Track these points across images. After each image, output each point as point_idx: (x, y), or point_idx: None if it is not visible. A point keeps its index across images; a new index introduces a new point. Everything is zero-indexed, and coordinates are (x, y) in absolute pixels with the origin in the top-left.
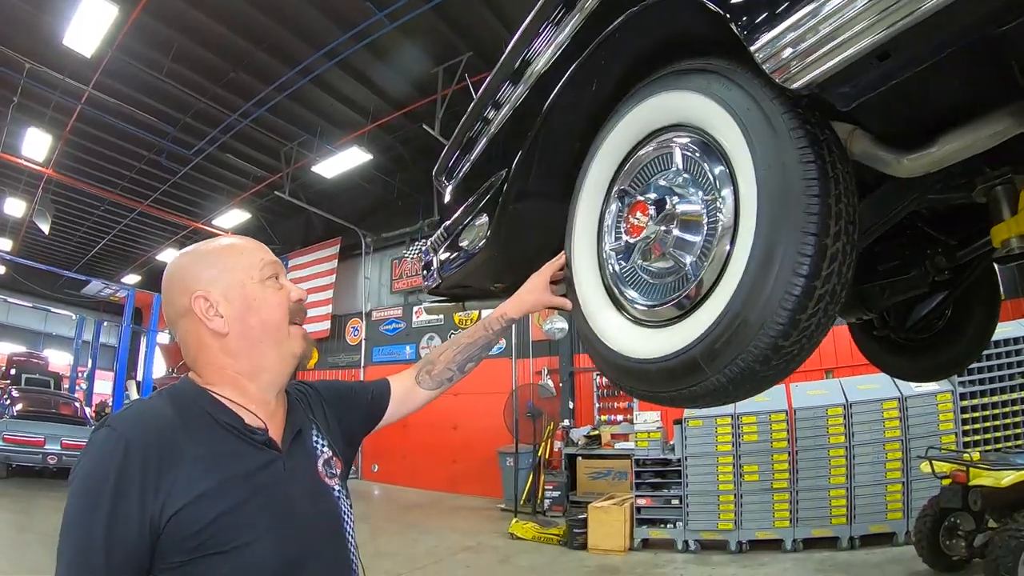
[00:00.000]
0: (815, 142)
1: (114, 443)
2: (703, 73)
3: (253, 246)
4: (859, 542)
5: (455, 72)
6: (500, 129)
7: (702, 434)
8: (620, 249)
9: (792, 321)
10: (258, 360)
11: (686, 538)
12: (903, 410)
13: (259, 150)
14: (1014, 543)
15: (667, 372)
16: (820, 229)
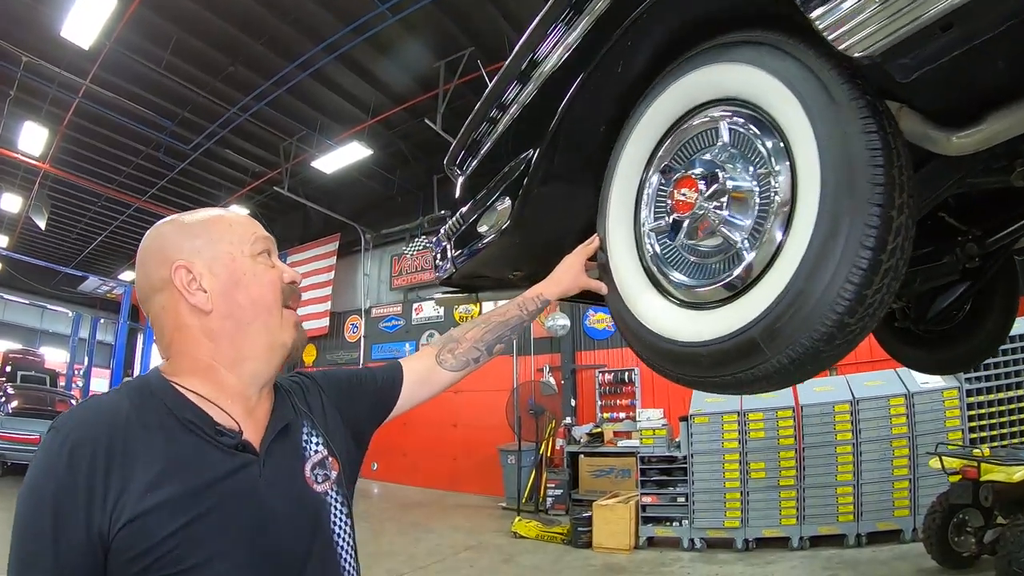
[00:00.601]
0: (876, 112)
1: (58, 446)
2: (751, 45)
3: (244, 219)
4: (866, 539)
5: (457, 67)
6: (525, 108)
7: (708, 431)
8: (662, 228)
9: (859, 297)
10: (243, 345)
11: (692, 536)
12: (910, 407)
13: (258, 145)
14: None
15: (720, 355)
16: (886, 200)
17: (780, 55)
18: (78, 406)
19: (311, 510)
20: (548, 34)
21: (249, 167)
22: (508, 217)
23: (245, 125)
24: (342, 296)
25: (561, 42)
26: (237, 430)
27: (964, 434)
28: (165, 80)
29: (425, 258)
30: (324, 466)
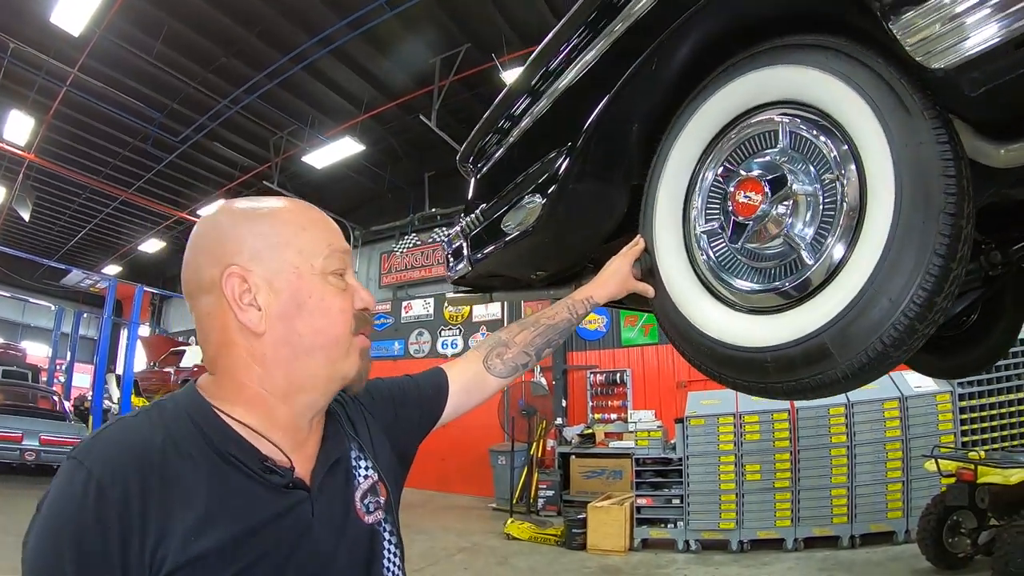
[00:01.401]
0: (946, 123)
1: (82, 485)
2: (819, 49)
3: (321, 221)
4: (859, 541)
5: (453, 63)
6: (559, 104)
7: (704, 433)
8: (715, 230)
9: (930, 303)
10: (298, 377)
11: (687, 538)
12: (903, 410)
13: (248, 139)
14: (1022, 539)
15: (786, 361)
16: (957, 210)
17: (851, 62)
18: (103, 435)
19: (364, 545)
20: (583, 26)
21: (238, 161)
22: (539, 215)
23: (235, 118)
24: None
25: (600, 38)
26: (288, 466)
27: (956, 437)
28: (155, 70)
29: (415, 256)
30: (375, 492)
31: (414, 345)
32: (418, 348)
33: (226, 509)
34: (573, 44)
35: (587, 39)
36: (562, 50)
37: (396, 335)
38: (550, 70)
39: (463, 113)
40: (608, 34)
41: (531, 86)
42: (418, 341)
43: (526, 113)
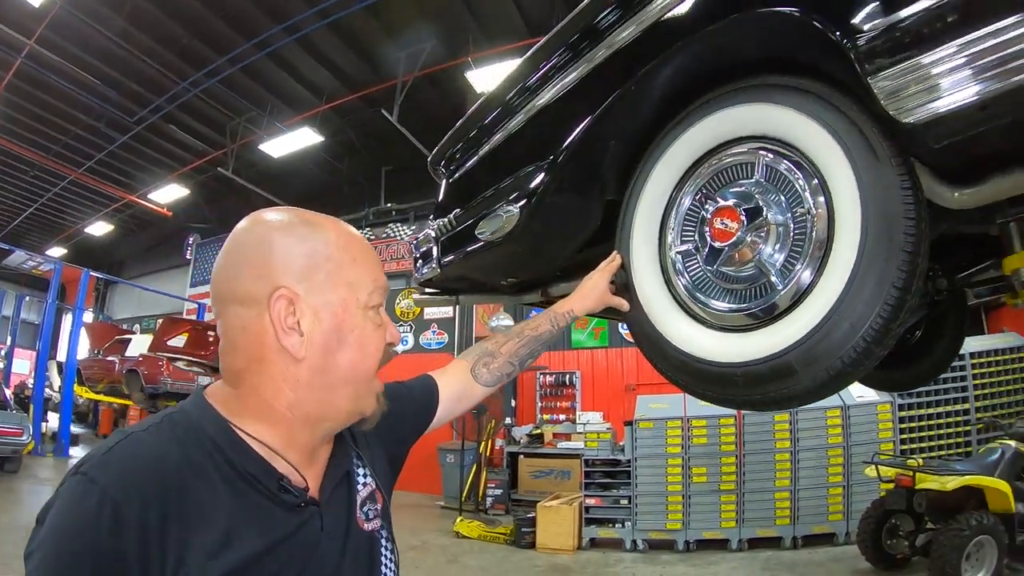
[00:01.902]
0: (910, 170)
1: (95, 504)
2: (799, 92)
3: (370, 254)
4: (801, 542)
5: (418, 59)
6: (541, 118)
7: (652, 436)
8: (691, 252)
9: (886, 329)
10: (326, 406)
11: (635, 537)
12: (845, 418)
13: (205, 123)
14: (958, 541)
15: (754, 376)
16: (915, 248)
17: (828, 107)
18: (116, 450)
19: (366, 553)
20: (565, 47)
21: (193, 145)
22: (515, 224)
23: (193, 101)
24: None
25: (581, 62)
26: (303, 487)
27: (895, 445)
28: (115, 47)
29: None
30: (373, 500)
31: None
32: None
33: (244, 529)
34: (553, 63)
35: (568, 61)
36: (541, 67)
37: None
38: (528, 86)
39: (425, 109)
40: (589, 60)
41: (507, 100)
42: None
43: (503, 125)
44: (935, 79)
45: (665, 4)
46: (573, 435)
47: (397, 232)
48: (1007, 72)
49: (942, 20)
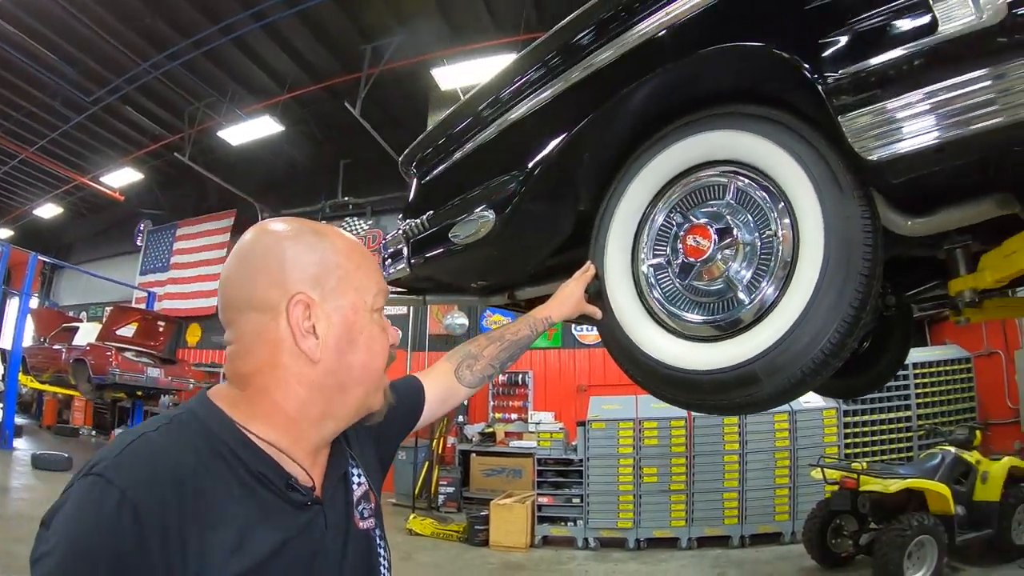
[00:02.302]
0: (870, 201)
1: (114, 506)
2: (773, 123)
3: (371, 260)
4: (749, 541)
5: (384, 53)
6: (518, 129)
7: (605, 436)
8: (662, 266)
9: (843, 343)
10: (336, 406)
11: (586, 536)
12: (792, 423)
13: (163, 106)
14: (900, 541)
15: (720, 383)
16: (871, 271)
17: (799, 140)
18: (128, 451)
19: (363, 551)
20: (541, 64)
21: (150, 129)
22: (490, 230)
23: (153, 84)
24: None
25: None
26: (310, 485)
27: (840, 449)
28: (74, 22)
29: None
30: (367, 499)
31: None
32: None
33: (257, 529)
34: (528, 77)
35: (544, 78)
36: (516, 81)
37: None
38: (505, 97)
39: (388, 104)
40: (564, 79)
41: (484, 108)
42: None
43: (480, 132)
44: (899, 122)
45: (643, 32)
46: (525, 434)
47: (354, 226)
48: (963, 121)
49: (909, 70)
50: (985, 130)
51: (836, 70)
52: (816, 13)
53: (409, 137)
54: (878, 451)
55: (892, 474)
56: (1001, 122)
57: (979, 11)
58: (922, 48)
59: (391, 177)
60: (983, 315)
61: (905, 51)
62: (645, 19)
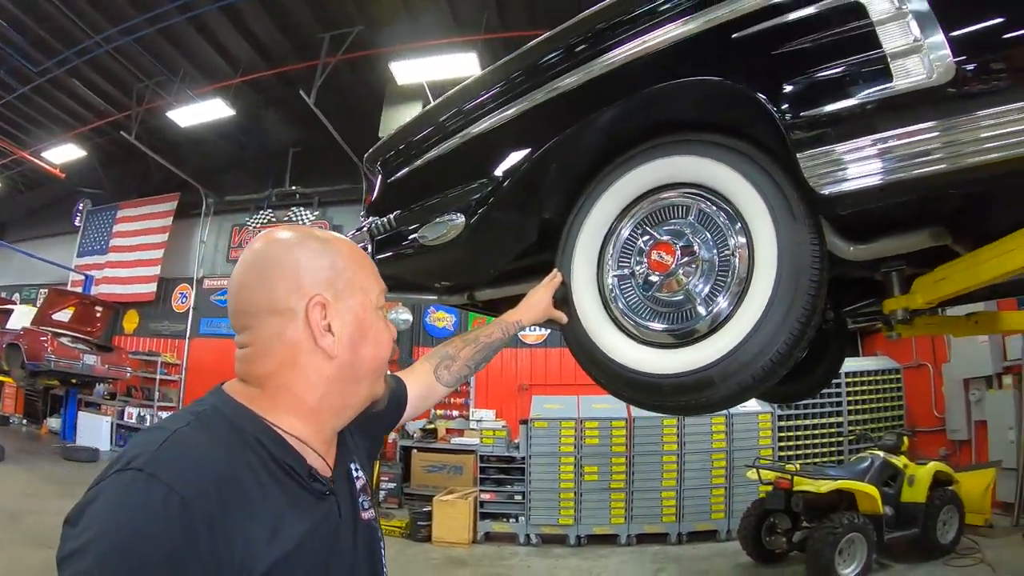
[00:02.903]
0: (818, 229)
1: (162, 500)
2: (735, 152)
3: (371, 263)
4: (686, 538)
5: (342, 42)
6: (497, 136)
7: (547, 435)
8: (626, 276)
9: (789, 354)
10: (351, 397)
11: (528, 532)
12: (729, 425)
13: (112, 82)
14: (831, 538)
15: (679, 386)
16: (816, 291)
17: (759, 170)
18: (166, 446)
19: (368, 541)
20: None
21: (96, 104)
22: (459, 233)
23: (103, 58)
24: (174, 261)
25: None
26: (329, 476)
27: (774, 452)
28: None
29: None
30: (366, 492)
31: None
32: None
33: (288, 518)
34: (495, 92)
35: (514, 94)
36: (481, 95)
37: None
38: (465, 110)
39: (343, 95)
40: (529, 99)
41: (456, 114)
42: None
43: (453, 136)
44: (851, 162)
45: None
46: (467, 431)
47: (300, 216)
48: (908, 166)
49: (863, 116)
50: (927, 175)
51: (798, 112)
52: (782, 58)
53: (362, 129)
54: (810, 454)
55: (824, 476)
56: (942, 169)
57: (930, 71)
58: (877, 98)
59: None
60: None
61: (861, 100)
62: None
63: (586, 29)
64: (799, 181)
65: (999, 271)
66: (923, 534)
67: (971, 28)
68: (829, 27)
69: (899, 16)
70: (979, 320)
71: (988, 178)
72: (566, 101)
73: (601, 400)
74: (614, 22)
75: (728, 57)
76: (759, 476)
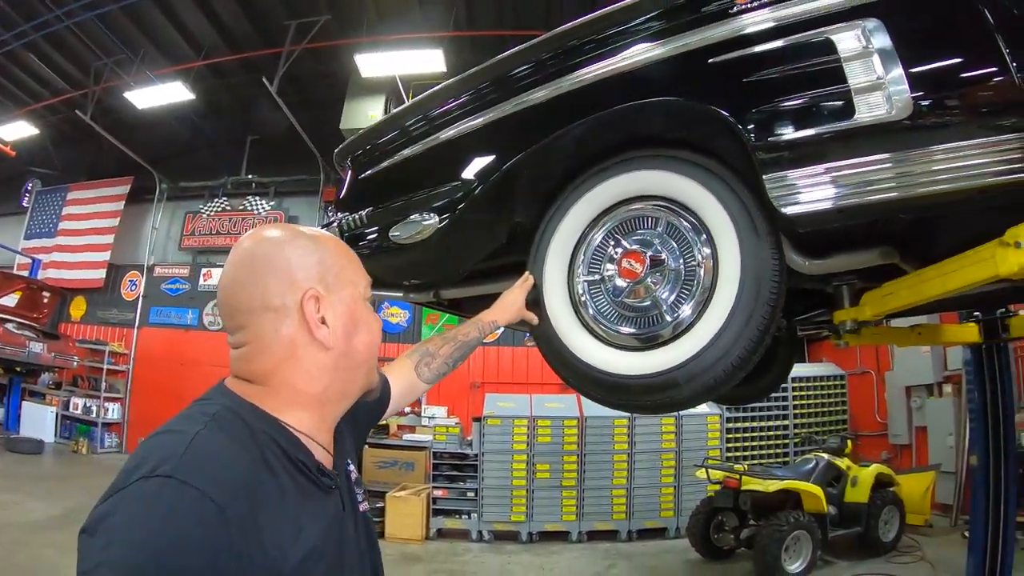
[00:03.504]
0: (779, 244)
1: (195, 506)
2: (704, 170)
3: (355, 256)
4: (636, 535)
5: (308, 31)
6: (479, 137)
7: (500, 432)
8: (596, 282)
9: (748, 358)
10: (349, 386)
11: (480, 528)
12: (679, 426)
13: (70, 59)
14: (779, 535)
15: (646, 386)
16: (775, 302)
17: (726, 188)
18: (191, 453)
19: (369, 532)
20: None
21: (53, 81)
22: (432, 233)
23: (62, 33)
24: (124, 248)
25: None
26: (334, 471)
27: (722, 452)
28: None
29: (222, 221)
30: (359, 484)
31: (209, 316)
32: (213, 320)
33: (307, 515)
34: (474, 96)
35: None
36: (448, 103)
37: (191, 303)
38: (443, 111)
39: (305, 85)
40: (509, 106)
41: (429, 118)
42: (214, 313)
43: (426, 139)
44: (811, 186)
45: None
46: (418, 427)
47: (255, 206)
48: (863, 192)
49: (826, 144)
50: (881, 201)
51: (766, 136)
52: (754, 86)
53: (323, 121)
54: (757, 455)
55: (771, 476)
56: (895, 196)
57: (891, 107)
58: (840, 129)
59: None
60: (860, 340)
61: (824, 129)
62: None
63: (569, 40)
64: (763, 200)
65: (942, 289)
66: (866, 533)
67: (929, 67)
68: (800, 59)
69: (865, 54)
70: (922, 332)
71: (937, 206)
72: (546, 110)
73: (554, 399)
74: (588, 39)
75: (704, 81)
76: (708, 475)
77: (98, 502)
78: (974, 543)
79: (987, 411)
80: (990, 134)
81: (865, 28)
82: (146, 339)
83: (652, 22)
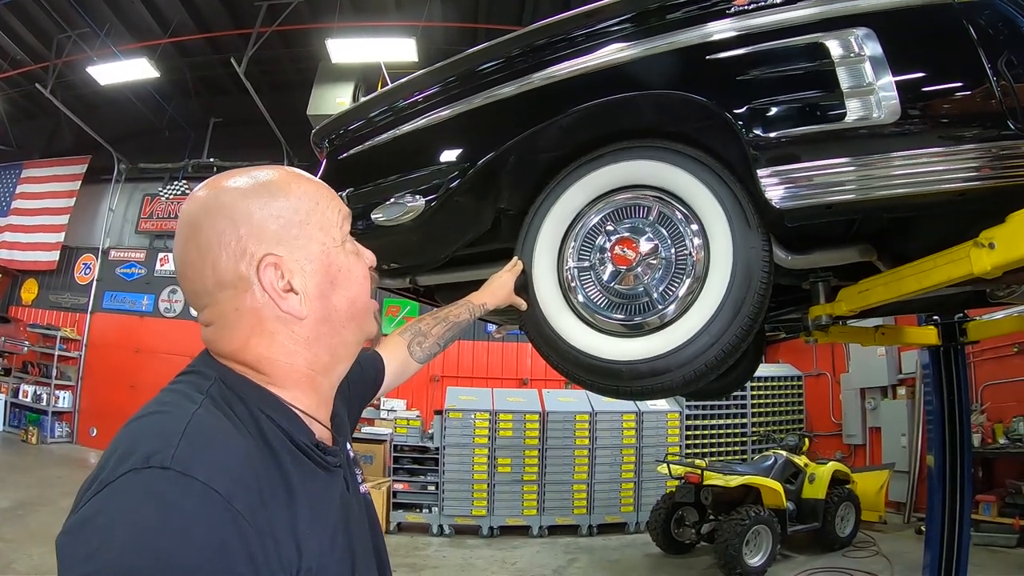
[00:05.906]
0: (768, 237)
1: (200, 499)
2: (698, 163)
3: (326, 190)
4: (596, 530)
5: (279, 13)
6: (469, 120)
7: (461, 426)
8: (586, 268)
9: (737, 346)
10: (337, 349)
11: (441, 522)
12: (639, 423)
13: (32, 30)
14: (740, 529)
15: (636, 372)
16: (765, 291)
17: (719, 181)
18: (188, 439)
19: (371, 512)
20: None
21: (11, 52)
22: (417, 215)
23: (26, 2)
24: (79, 229)
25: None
26: (337, 448)
27: (681, 449)
28: None
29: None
30: (357, 464)
31: (165, 303)
32: (169, 307)
33: (316, 498)
34: (468, 79)
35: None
36: (417, 95)
37: (147, 289)
38: (430, 93)
39: (273, 67)
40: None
41: (413, 99)
42: (170, 299)
43: (409, 121)
44: (802, 182)
45: None
46: (377, 420)
47: None
48: (849, 189)
49: (818, 142)
50: (872, 199)
51: (761, 132)
52: (751, 84)
53: (290, 103)
54: (715, 452)
55: (731, 471)
56: (881, 195)
57: (880, 111)
58: (831, 129)
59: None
60: (827, 338)
61: (817, 128)
62: None
63: (568, 28)
64: (755, 193)
65: (917, 286)
66: (823, 528)
67: (916, 76)
68: (795, 61)
69: (858, 60)
70: (885, 332)
71: (918, 206)
72: (539, 96)
73: (515, 393)
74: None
75: (705, 77)
76: (670, 471)
77: (78, 499)
78: (931, 539)
79: (944, 412)
80: (965, 142)
81: (858, 36)
82: (99, 325)
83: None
